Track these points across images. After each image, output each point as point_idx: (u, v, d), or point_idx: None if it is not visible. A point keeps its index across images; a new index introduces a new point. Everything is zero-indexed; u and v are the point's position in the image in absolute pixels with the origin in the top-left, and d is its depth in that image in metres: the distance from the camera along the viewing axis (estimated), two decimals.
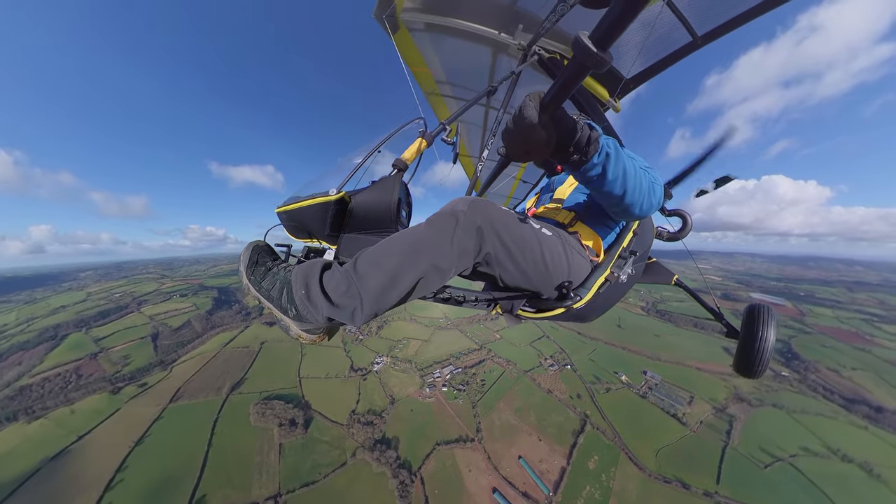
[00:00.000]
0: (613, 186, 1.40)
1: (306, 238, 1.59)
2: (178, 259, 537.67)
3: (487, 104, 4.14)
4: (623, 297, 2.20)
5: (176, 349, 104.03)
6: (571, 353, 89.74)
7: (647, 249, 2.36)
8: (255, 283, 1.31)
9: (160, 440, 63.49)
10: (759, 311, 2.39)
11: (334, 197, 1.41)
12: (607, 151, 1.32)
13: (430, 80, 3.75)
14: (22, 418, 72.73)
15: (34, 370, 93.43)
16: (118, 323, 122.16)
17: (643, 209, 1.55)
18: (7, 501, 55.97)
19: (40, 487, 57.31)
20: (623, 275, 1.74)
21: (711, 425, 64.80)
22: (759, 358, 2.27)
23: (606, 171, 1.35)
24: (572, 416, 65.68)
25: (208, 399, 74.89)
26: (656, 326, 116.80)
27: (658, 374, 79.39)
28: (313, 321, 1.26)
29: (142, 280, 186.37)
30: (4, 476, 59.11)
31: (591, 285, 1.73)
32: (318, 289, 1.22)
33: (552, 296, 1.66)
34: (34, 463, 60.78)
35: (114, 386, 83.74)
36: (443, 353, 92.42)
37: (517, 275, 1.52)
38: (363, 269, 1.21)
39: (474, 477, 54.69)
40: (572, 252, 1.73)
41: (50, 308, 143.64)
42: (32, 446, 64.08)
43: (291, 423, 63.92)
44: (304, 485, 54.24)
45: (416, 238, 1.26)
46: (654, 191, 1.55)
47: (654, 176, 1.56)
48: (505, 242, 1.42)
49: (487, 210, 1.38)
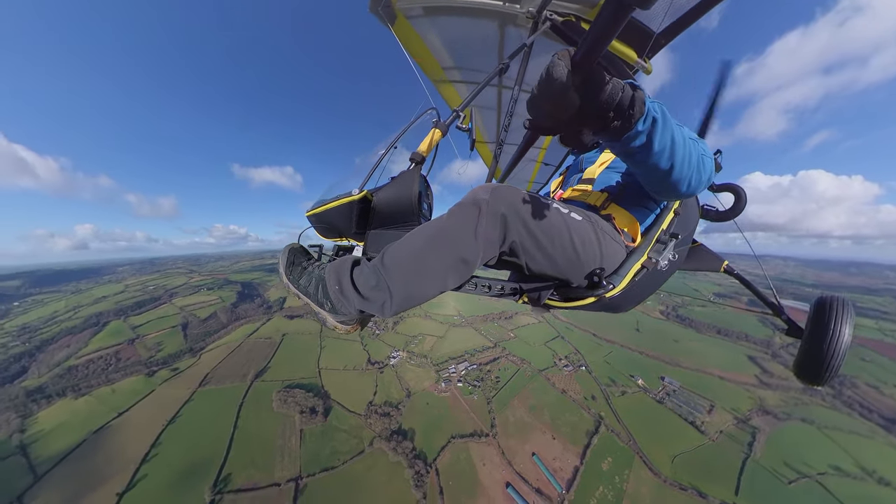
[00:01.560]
0: (660, 159, 1.23)
1: (336, 237, 1.69)
2: (204, 255, 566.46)
3: (500, 84, 3.88)
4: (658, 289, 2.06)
5: (204, 338, 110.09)
6: (586, 355, 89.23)
7: (690, 232, 2.17)
8: (294, 282, 1.44)
9: (190, 421, 67.59)
10: (832, 304, 2.03)
11: (357, 196, 1.49)
12: (654, 116, 1.14)
13: (437, 68, 3.58)
14: (70, 394, 79.43)
15: (80, 352, 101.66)
16: (152, 312, 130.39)
17: (691, 186, 1.37)
18: (59, 467, 60.92)
19: (86, 456, 62.10)
20: (663, 260, 1.58)
21: (732, 436, 63.21)
22: (829, 361, 1.92)
23: (652, 141, 1.18)
24: (587, 416, 65.61)
25: (234, 385, 79.01)
26: (676, 331, 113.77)
27: (677, 380, 77.92)
28: (347, 313, 1.36)
29: (172, 274, 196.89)
30: (57, 446, 64.42)
31: (626, 272, 1.60)
32: (349, 284, 1.31)
33: (582, 284, 1.57)
34: (82, 435, 66.26)
35: (149, 369, 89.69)
36: (458, 350, 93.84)
37: (545, 263, 1.46)
38: (390, 263, 1.26)
39: (488, 471, 55.67)
40: (605, 237, 1.61)
41: (93, 298, 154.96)
42: (79, 420, 70.02)
43: (312, 411, 66.75)
44: (324, 469, 56.64)
45: (438, 230, 1.27)
46: (705, 164, 1.36)
47: (703, 147, 1.37)
48: (531, 230, 1.36)
49: (511, 197, 1.34)
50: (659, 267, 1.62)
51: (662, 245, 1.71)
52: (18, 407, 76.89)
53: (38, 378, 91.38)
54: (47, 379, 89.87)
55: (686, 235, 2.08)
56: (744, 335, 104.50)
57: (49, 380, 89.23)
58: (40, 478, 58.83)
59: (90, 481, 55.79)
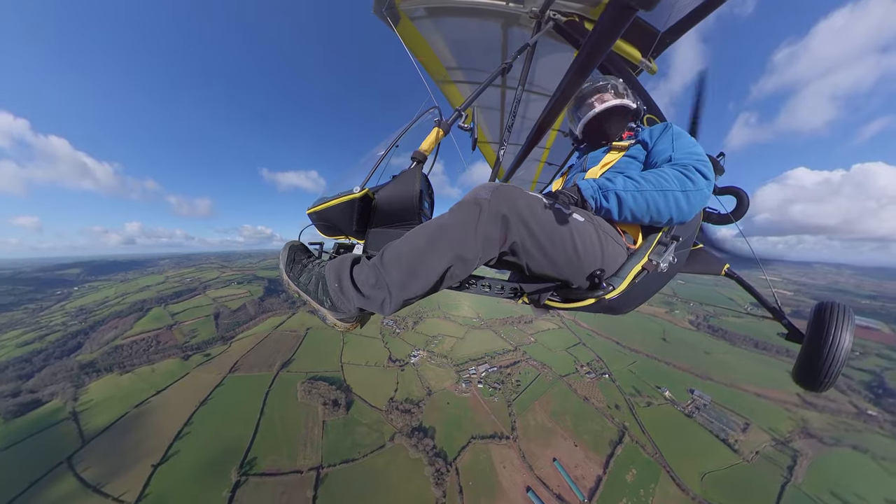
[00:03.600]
0: (636, 215, 1.55)
1: (337, 235, 1.68)
2: (234, 253, 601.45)
3: (503, 84, 3.88)
4: (662, 291, 2.05)
5: (234, 328, 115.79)
6: (609, 363, 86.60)
7: (691, 235, 2.13)
8: (294, 279, 1.44)
9: (220, 404, 70.86)
10: (832, 311, 2.05)
11: (358, 194, 1.48)
12: (605, 207, 1.57)
13: (440, 67, 3.60)
14: (116, 370, 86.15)
15: (126, 334, 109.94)
16: (188, 302, 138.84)
17: (673, 222, 1.59)
18: (103, 435, 65.15)
19: (127, 428, 66.39)
20: (663, 263, 1.55)
21: (770, 457, 59.27)
22: (827, 367, 1.94)
23: (622, 205, 1.48)
24: (610, 425, 63.58)
25: (261, 373, 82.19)
26: (707, 343, 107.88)
27: (707, 394, 74.29)
28: (346, 311, 1.36)
29: (206, 268, 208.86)
30: (103, 416, 69.50)
31: (626, 274, 1.59)
32: (349, 282, 1.31)
33: (583, 285, 1.57)
34: (124, 408, 71.26)
35: (184, 353, 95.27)
36: (478, 352, 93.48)
37: (545, 263, 1.45)
38: (389, 261, 1.27)
39: (508, 473, 54.98)
40: (607, 238, 1.60)
41: (138, 287, 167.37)
42: (123, 394, 75.49)
43: (334, 404, 68.23)
44: (344, 461, 57.54)
45: (439, 229, 1.27)
46: (689, 199, 1.49)
47: (692, 180, 1.52)
48: (532, 230, 1.36)
49: (512, 196, 1.33)
50: (659, 269, 1.56)
51: (663, 247, 1.65)
52: (73, 378, 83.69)
53: (91, 354, 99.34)
54: (98, 355, 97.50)
55: (687, 238, 2.05)
56: (784, 350, 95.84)
57: (99, 356, 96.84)
58: (87, 442, 63.32)
59: (129, 451, 59.32)
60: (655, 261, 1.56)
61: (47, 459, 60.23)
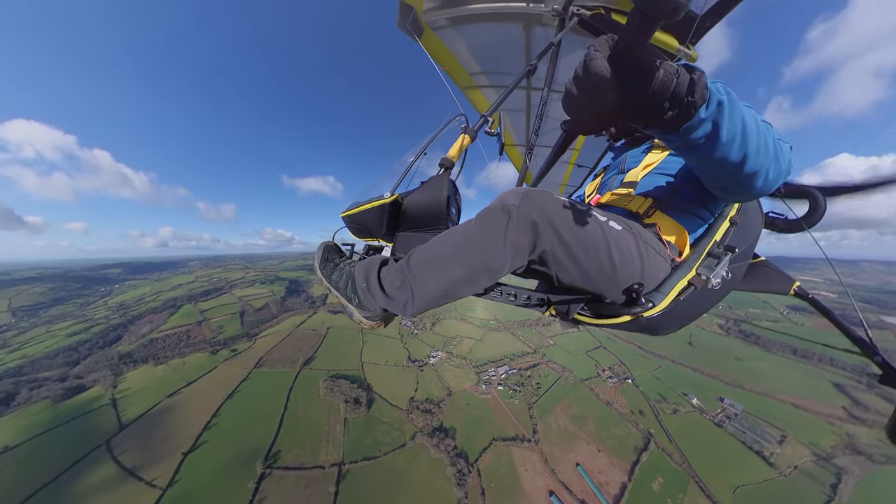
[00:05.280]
0: (729, 149, 1.02)
1: (367, 237, 1.73)
2: (257, 255, 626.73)
3: (529, 86, 3.81)
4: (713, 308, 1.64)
5: (258, 325, 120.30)
6: (632, 367, 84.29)
7: (751, 245, 1.87)
8: (326, 276, 1.54)
9: (246, 398, 73.41)
10: None
11: (388, 200, 1.51)
12: (719, 99, 0.93)
13: (464, 74, 3.59)
14: (151, 361, 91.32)
15: (160, 328, 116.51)
16: (216, 300, 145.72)
17: (769, 179, 1.14)
18: (139, 421, 68.84)
19: (160, 416, 69.68)
20: (715, 277, 1.30)
21: (810, 473, 56.18)
22: None
23: (719, 129, 0.97)
24: (634, 431, 61.79)
25: (284, 370, 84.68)
26: (738, 348, 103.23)
27: (739, 402, 71.11)
28: (372, 310, 1.40)
29: (232, 269, 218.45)
30: (139, 406, 73.31)
31: (670, 290, 1.39)
32: (376, 282, 1.34)
33: (618, 300, 1.37)
34: (158, 397, 75.03)
35: (213, 348, 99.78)
36: (496, 354, 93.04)
37: (577, 275, 1.31)
38: (415, 265, 1.26)
39: (531, 477, 54.33)
40: (647, 249, 1.41)
41: (171, 285, 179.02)
42: (157, 384, 79.61)
43: (356, 402, 69.44)
44: (366, 458, 58.31)
45: (465, 235, 1.23)
46: (782, 151, 1.13)
47: (776, 132, 1.15)
48: (563, 239, 1.23)
49: (543, 202, 1.23)
50: (710, 285, 1.31)
51: (715, 260, 1.41)
52: (113, 367, 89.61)
53: (129, 345, 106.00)
54: (135, 347, 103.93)
55: (745, 249, 1.79)
56: (828, 358, 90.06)
57: (136, 348, 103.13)
58: (124, 428, 66.95)
59: (161, 439, 62.15)
60: (705, 275, 1.32)
61: (88, 441, 64.06)
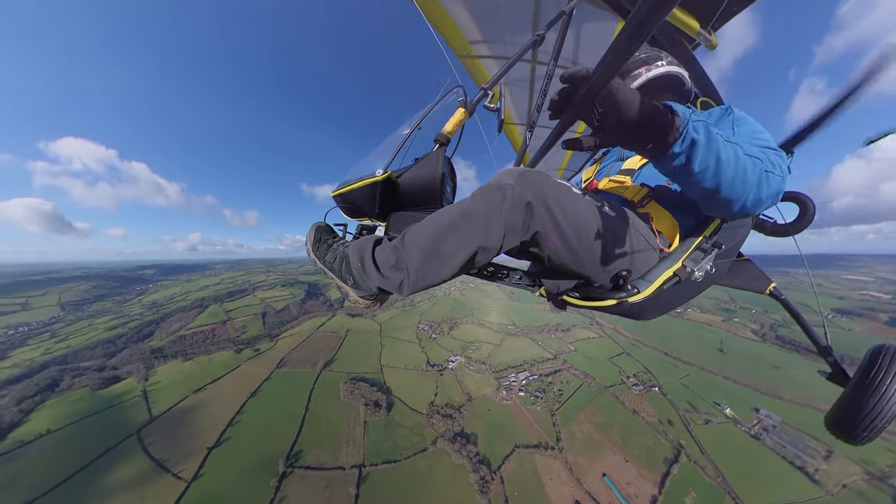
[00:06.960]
0: (702, 179, 1.12)
1: (360, 217, 1.69)
2: (277, 259, 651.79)
3: (534, 58, 3.52)
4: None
5: (279, 326, 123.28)
6: (658, 375, 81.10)
7: (737, 243, 1.91)
8: (320, 258, 1.49)
9: (268, 396, 74.67)
10: (885, 355, 1.76)
11: (381, 177, 1.47)
12: (693, 138, 1.04)
13: (463, 41, 3.25)
14: (180, 357, 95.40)
15: (188, 326, 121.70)
16: (240, 301, 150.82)
17: (746, 207, 1.23)
18: (167, 414, 70.64)
19: (188, 411, 71.43)
20: (699, 271, 1.36)
21: (862, 493, 52.54)
22: (871, 419, 1.65)
23: (692, 161, 1.08)
24: (663, 442, 59.15)
25: (305, 371, 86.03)
26: (775, 356, 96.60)
27: (777, 414, 67.08)
28: (368, 289, 1.39)
29: (254, 272, 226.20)
30: (168, 399, 75.68)
31: (655, 279, 1.42)
32: (371, 262, 1.34)
33: (605, 284, 1.43)
34: (185, 392, 77.48)
35: (237, 347, 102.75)
36: (516, 359, 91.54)
37: (568, 257, 1.34)
38: (409, 244, 1.26)
39: (555, 486, 52.85)
40: (638, 237, 1.47)
41: (198, 286, 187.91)
42: (185, 379, 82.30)
43: (375, 405, 69.52)
44: (386, 461, 58.09)
45: (459, 214, 1.23)
46: (767, 182, 1.21)
47: (771, 160, 1.24)
48: (557, 221, 1.26)
49: (539, 183, 1.25)
50: (693, 278, 1.37)
51: (702, 254, 1.47)
52: (145, 360, 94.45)
53: (160, 341, 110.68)
54: (165, 343, 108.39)
55: (731, 247, 1.84)
56: None
57: (166, 343, 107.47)
58: (154, 419, 69.20)
59: (187, 433, 63.66)
60: (690, 268, 1.38)
61: (121, 431, 66.56)
